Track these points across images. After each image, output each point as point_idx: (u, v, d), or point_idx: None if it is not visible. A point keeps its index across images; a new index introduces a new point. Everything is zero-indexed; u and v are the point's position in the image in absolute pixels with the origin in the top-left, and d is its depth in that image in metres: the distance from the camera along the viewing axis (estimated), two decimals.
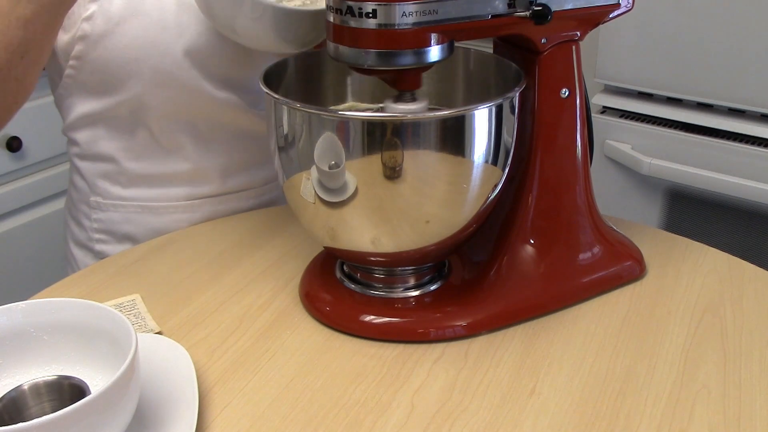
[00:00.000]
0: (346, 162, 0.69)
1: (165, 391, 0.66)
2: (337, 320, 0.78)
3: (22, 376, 0.64)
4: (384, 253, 0.76)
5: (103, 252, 0.99)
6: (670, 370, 0.72)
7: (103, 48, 0.87)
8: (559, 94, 0.78)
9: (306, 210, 0.75)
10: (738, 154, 1.40)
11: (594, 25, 0.78)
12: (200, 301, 0.82)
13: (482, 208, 0.75)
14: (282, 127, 0.72)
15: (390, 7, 0.66)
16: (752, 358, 0.74)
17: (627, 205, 1.55)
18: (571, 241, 0.83)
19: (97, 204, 0.98)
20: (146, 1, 0.87)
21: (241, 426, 0.66)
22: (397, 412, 0.67)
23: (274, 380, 0.71)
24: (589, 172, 0.82)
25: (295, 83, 0.82)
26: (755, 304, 0.81)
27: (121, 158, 0.95)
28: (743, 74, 1.37)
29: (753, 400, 0.69)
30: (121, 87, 0.89)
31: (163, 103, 0.90)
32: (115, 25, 0.86)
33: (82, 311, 0.65)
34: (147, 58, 0.87)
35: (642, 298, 0.83)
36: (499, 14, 0.71)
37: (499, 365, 0.73)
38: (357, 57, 0.70)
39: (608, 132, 1.52)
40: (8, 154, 1.57)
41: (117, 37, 0.87)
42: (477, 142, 0.71)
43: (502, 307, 0.79)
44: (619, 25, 0.85)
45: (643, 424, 0.66)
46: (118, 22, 0.86)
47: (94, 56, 0.88)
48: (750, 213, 1.43)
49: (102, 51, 0.87)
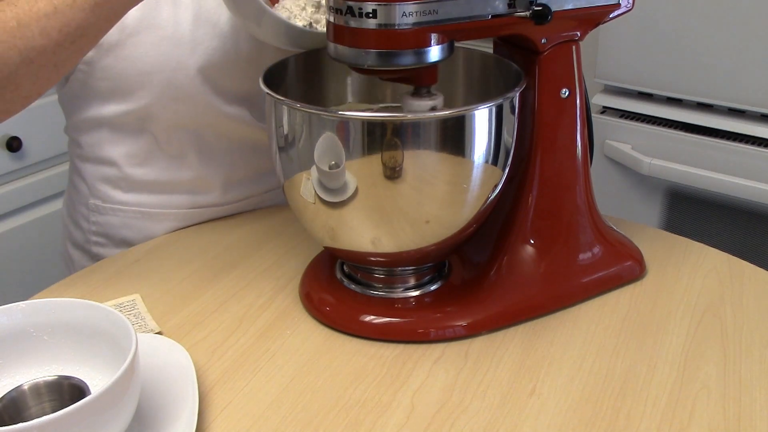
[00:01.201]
0: (346, 162, 0.69)
1: (165, 391, 0.66)
2: (337, 320, 0.78)
3: (22, 376, 0.64)
4: (384, 253, 0.76)
5: (100, 255, 0.99)
6: (670, 370, 0.72)
7: (114, 57, 0.86)
8: (559, 94, 0.78)
9: (306, 210, 0.75)
10: (738, 154, 1.40)
11: (594, 25, 0.78)
12: (200, 301, 0.82)
13: (482, 208, 0.75)
14: (282, 127, 0.72)
15: (390, 7, 0.66)
16: (752, 358, 0.74)
17: (627, 205, 1.55)
18: (571, 241, 0.83)
19: (96, 207, 0.98)
20: (161, 14, 0.86)
21: (241, 426, 0.66)
22: (397, 412, 0.67)
23: (274, 380, 0.71)
24: (589, 172, 0.82)
25: (295, 83, 0.82)
26: (755, 304, 0.81)
27: (124, 163, 0.94)
28: (743, 74, 1.37)
29: (753, 400, 0.69)
30: (129, 96, 0.89)
31: (172, 115, 0.90)
32: (128, 36, 0.85)
33: (82, 311, 0.65)
34: (158, 72, 0.87)
35: (642, 298, 0.83)
36: (499, 14, 0.71)
37: (499, 365, 0.73)
38: (357, 57, 0.70)
39: (608, 132, 1.52)
40: (8, 154, 1.57)
41: (129, 48, 0.86)
42: (477, 142, 0.71)
43: (502, 307, 0.79)
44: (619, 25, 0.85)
45: (643, 424, 0.66)
46: (132, 33, 0.85)
47: (104, 64, 0.87)
48: (750, 213, 1.43)
49: (113, 60, 0.86)
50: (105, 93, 0.89)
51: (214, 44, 0.87)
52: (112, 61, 0.86)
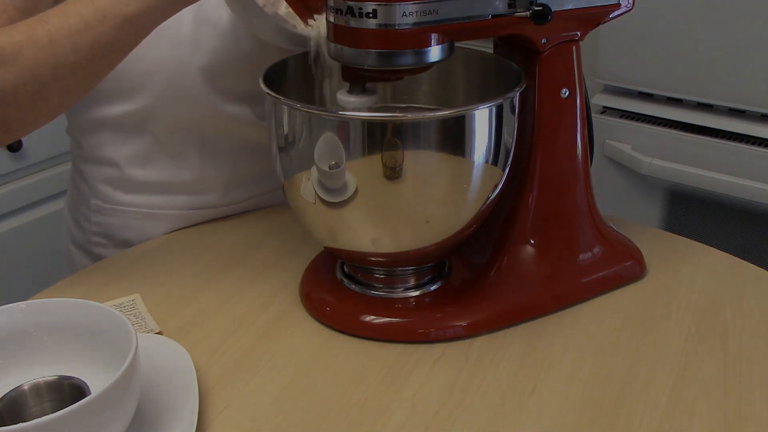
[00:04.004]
0: (346, 162, 0.69)
1: (165, 391, 0.66)
2: (337, 320, 0.78)
3: (22, 376, 0.64)
4: (384, 253, 0.76)
5: (101, 255, 0.99)
6: (670, 370, 0.72)
7: None
8: (560, 94, 0.78)
9: (306, 210, 0.75)
10: (738, 154, 1.40)
11: (594, 25, 0.78)
12: (200, 301, 0.82)
13: (482, 208, 0.75)
14: (282, 127, 0.72)
15: (390, 7, 0.66)
16: (752, 358, 0.74)
17: (627, 205, 1.55)
18: (571, 241, 0.83)
19: (97, 207, 0.98)
20: None
21: (242, 426, 0.66)
22: (397, 412, 0.67)
23: (274, 380, 0.71)
24: (590, 172, 0.82)
25: (295, 83, 0.82)
26: (755, 304, 0.81)
27: (125, 164, 0.94)
28: (743, 74, 1.37)
29: (753, 400, 0.69)
30: (131, 97, 0.89)
31: (173, 115, 0.90)
32: None
33: (82, 311, 0.65)
34: (160, 72, 0.86)
35: (642, 298, 0.83)
36: (500, 14, 0.71)
37: (499, 365, 0.73)
38: (357, 57, 0.70)
39: (608, 132, 1.52)
40: (8, 154, 1.57)
41: None
42: (477, 142, 0.71)
43: (502, 307, 0.79)
44: (619, 25, 0.85)
45: (643, 424, 0.66)
46: None
47: None
48: (750, 213, 1.43)
49: None
50: (106, 94, 0.89)
51: (215, 44, 0.87)
52: None
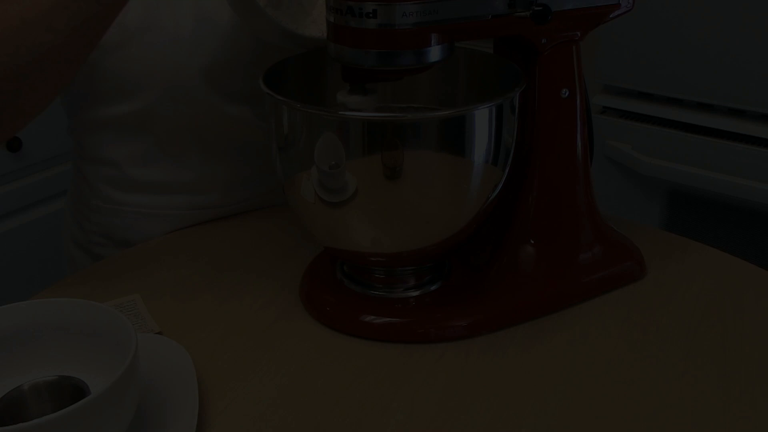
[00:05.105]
0: (346, 162, 0.69)
1: (165, 391, 0.66)
2: (337, 320, 0.78)
3: (22, 376, 0.64)
4: (384, 253, 0.76)
5: (101, 255, 0.99)
6: (670, 370, 0.72)
7: (116, 58, 0.86)
8: (560, 94, 0.78)
9: (306, 210, 0.75)
10: (738, 154, 1.40)
11: (594, 25, 0.78)
12: (200, 301, 0.82)
13: (482, 208, 0.75)
14: (282, 127, 0.72)
15: (390, 7, 0.66)
16: (752, 359, 0.74)
17: (627, 205, 1.55)
18: (571, 241, 0.83)
19: (97, 207, 0.98)
20: (162, 15, 0.86)
21: (241, 426, 0.66)
22: (397, 412, 0.67)
23: (274, 380, 0.71)
24: (590, 172, 0.82)
25: (295, 83, 0.82)
26: (755, 304, 0.81)
27: (125, 164, 0.94)
28: (743, 74, 1.37)
29: (753, 400, 0.69)
30: (131, 97, 0.88)
31: (174, 116, 0.90)
32: (129, 37, 0.85)
33: (82, 311, 0.65)
34: (160, 72, 0.86)
35: (642, 298, 0.83)
36: (500, 14, 0.71)
37: (499, 365, 0.73)
38: (357, 57, 0.70)
39: (608, 132, 1.52)
40: (8, 154, 1.57)
41: (131, 49, 0.85)
42: (477, 142, 0.71)
43: (503, 307, 0.79)
44: (619, 25, 0.85)
45: (643, 424, 0.66)
46: (133, 35, 0.85)
47: (106, 65, 0.87)
48: (750, 213, 1.43)
49: (115, 61, 0.86)
50: (106, 94, 0.89)
51: (215, 44, 0.87)
52: (114, 63, 0.86)
